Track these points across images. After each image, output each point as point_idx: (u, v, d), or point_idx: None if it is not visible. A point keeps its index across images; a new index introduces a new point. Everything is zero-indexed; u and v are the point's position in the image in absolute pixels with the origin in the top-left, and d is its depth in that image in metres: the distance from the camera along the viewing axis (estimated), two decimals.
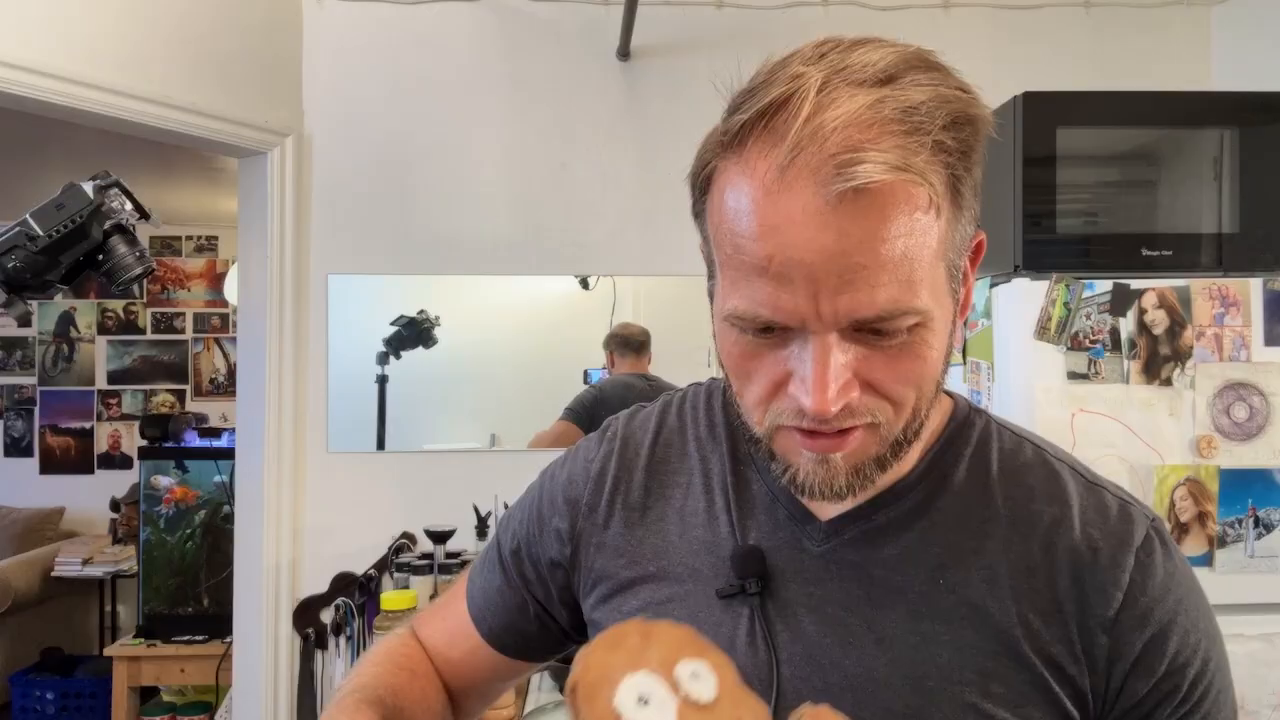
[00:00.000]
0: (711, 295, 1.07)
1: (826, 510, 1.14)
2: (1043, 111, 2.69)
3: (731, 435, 1.25)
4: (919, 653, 1.06)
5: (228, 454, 5.06)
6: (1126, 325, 2.61)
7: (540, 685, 3.19)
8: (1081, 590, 1.05)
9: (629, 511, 1.26)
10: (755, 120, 0.94)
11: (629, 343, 4.07)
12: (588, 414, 4.03)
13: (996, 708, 1.04)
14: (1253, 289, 2.61)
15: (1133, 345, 2.60)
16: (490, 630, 1.40)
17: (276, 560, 3.87)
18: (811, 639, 1.11)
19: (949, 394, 1.20)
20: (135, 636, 5.57)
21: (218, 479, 5.58)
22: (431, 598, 3.45)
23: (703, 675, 0.89)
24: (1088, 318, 2.60)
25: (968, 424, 1.18)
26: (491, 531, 3.80)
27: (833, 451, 1.00)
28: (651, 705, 0.87)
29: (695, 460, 1.26)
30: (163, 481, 5.67)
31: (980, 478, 1.13)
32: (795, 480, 1.04)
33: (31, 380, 8.16)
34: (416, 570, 3.62)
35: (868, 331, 0.95)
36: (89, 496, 7.74)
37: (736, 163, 0.97)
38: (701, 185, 1.03)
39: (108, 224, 2.12)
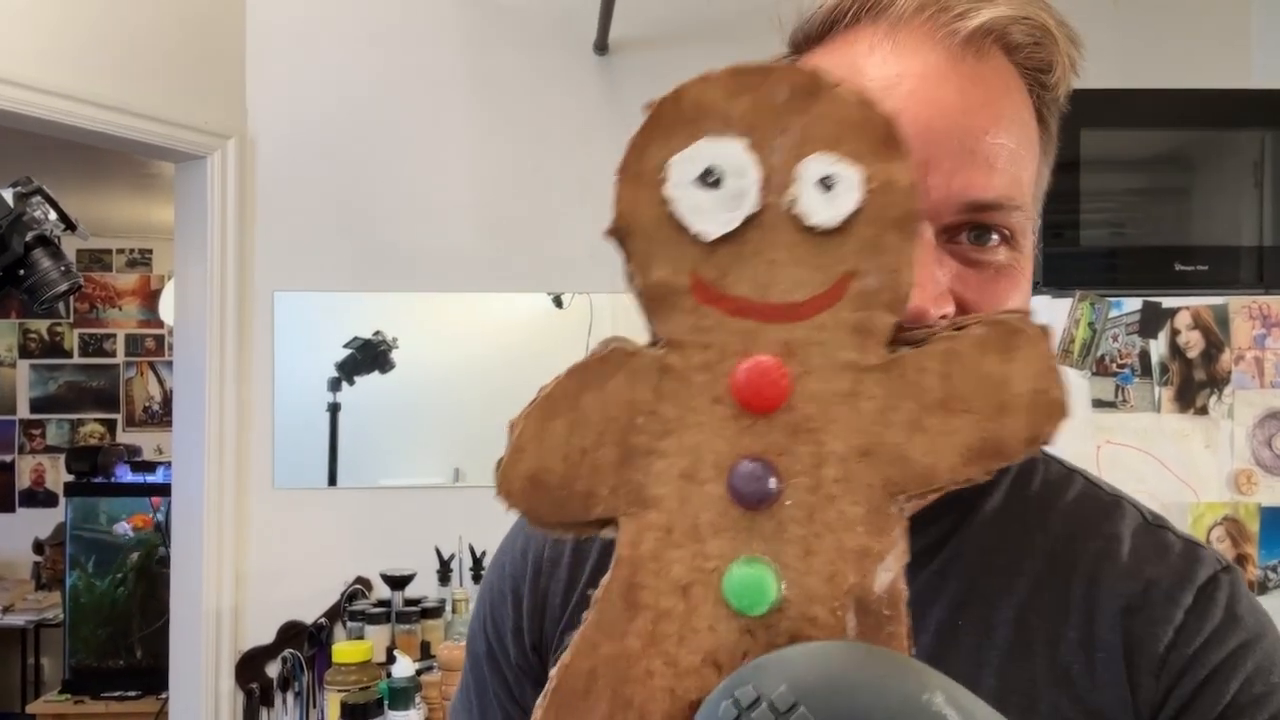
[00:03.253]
0: None
1: None
2: (1065, 112, 2.69)
3: None
4: None
5: (163, 490, 5.03)
6: (1157, 348, 2.61)
7: None
8: (1127, 624, 0.96)
9: (600, 557, 1.12)
10: (851, 2, 0.94)
11: None
12: None
13: None
14: None
15: (1164, 370, 2.60)
16: None
17: (217, 607, 3.84)
18: None
19: None
20: (61, 692, 5.56)
21: (154, 516, 5.56)
22: (389, 649, 3.43)
23: (845, 187, 0.63)
24: (1115, 339, 2.60)
25: None
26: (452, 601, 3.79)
27: None
28: (718, 193, 0.64)
29: None
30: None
31: (1017, 508, 1.05)
32: None
33: None
34: (372, 619, 3.59)
35: (969, 238, 0.91)
36: (10, 537, 7.69)
37: (825, 51, 0.97)
38: None
39: (29, 235, 2.12)
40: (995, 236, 0.91)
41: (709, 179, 0.63)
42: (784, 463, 0.64)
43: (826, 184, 0.63)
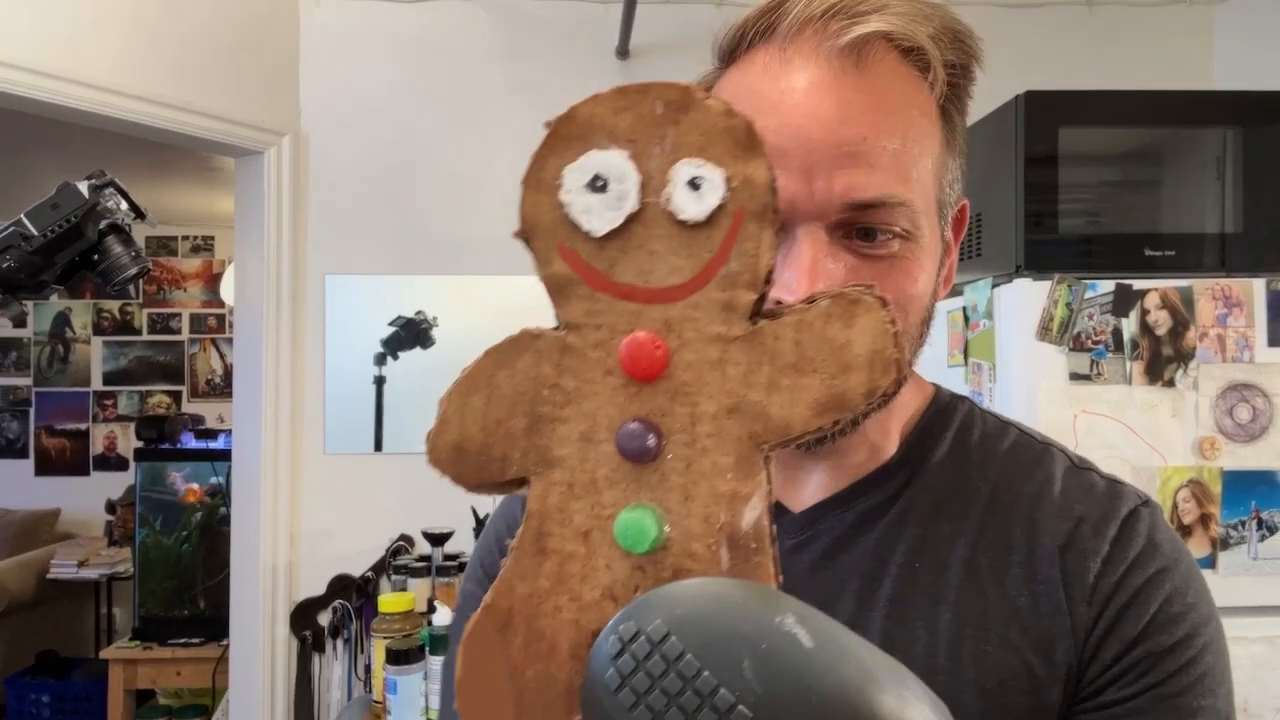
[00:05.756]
0: None
1: (799, 501, 1.07)
2: (1045, 111, 2.69)
3: None
4: (893, 645, 0.97)
5: (224, 456, 5.05)
6: (1129, 326, 2.60)
7: None
8: (1062, 559, 0.99)
9: None
10: (754, 22, 0.95)
11: None
12: None
13: (974, 696, 0.96)
14: (1256, 289, 2.61)
15: (1135, 346, 2.60)
16: None
17: (274, 562, 3.87)
18: None
19: (930, 383, 1.16)
20: (131, 639, 5.57)
21: (214, 480, 5.57)
22: (429, 600, 3.45)
23: (710, 186, 0.68)
24: (1090, 318, 2.60)
25: (949, 409, 1.13)
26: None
27: None
28: (605, 195, 0.69)
29: None
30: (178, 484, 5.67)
31: (960, 460, 1.08)
32: None
33: (27, 381, 8.16)
34: (414, 573, 3.61)
35: (858, 236, 0.91)
36: (85, 498, 7.72)
37: (734, 69, 0.98)
38: None
39: (103, 224, 2.12)
40: (875, 233, 0.91)
41: (596, 184, 0.68)
42: (665, 423, 0.69)
43: (695, 184, 0.67)
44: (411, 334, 4.00)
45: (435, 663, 2.90)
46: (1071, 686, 0.98)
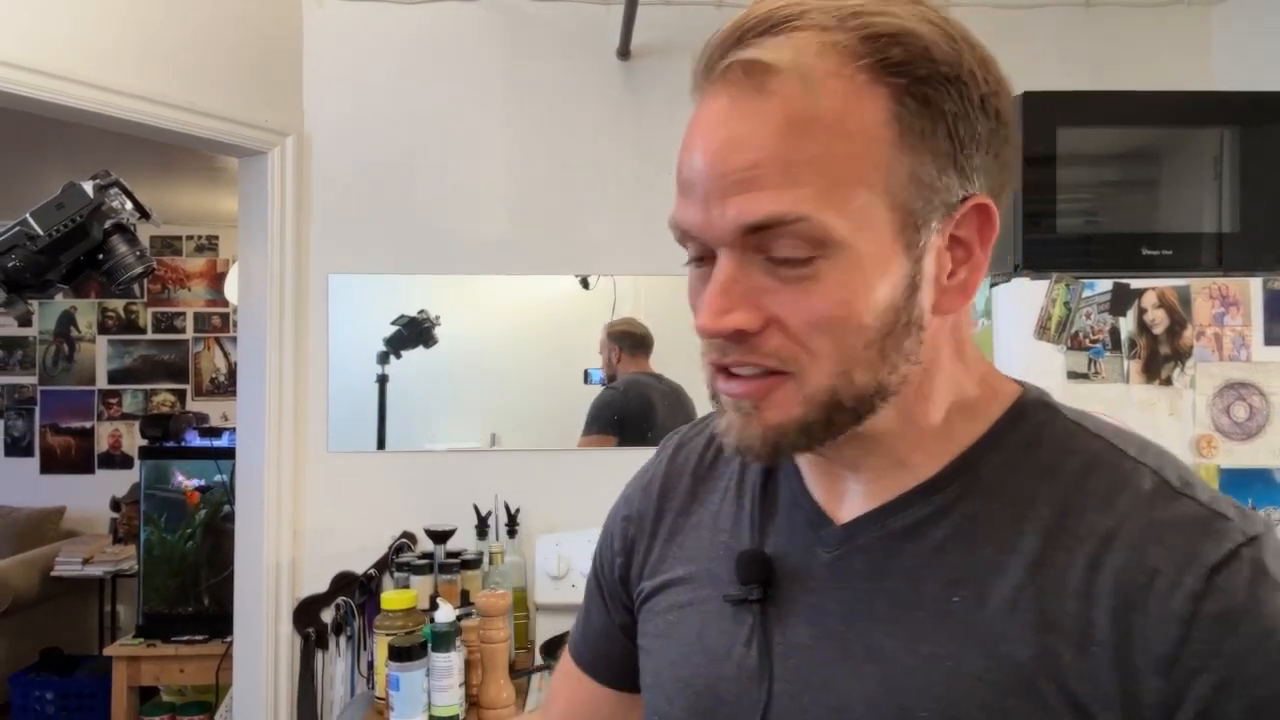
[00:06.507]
0: None
1: (843, 512, 1.04)
2: (1043, 111, 2.69)
3: None
4: (916, 678, 0.92)
5: (228, 454, 5.04)
6: (1126, 325, 2.61)
7: (541, 686, 3.19)
8: (1127, 620, 0.85)
9: (675, 517, 1.23)
10: (703, 54, 0.96)
11: (643, 342, 4.04)
12: (616, 419, 4.02)
13: None
14: (1253, 288, 2.62)
15: (1133, 345, 2.61)
16: (586, 660, 1.38)
17: (277, 560, 3.87)
18: (805, 653, 1.01)
19: (1019, 384, 1.06)
20: (135, 636, 5.56)
21: (218, 478, 5.57)
22: (432, 597, 3.45)
23: None
24: (1088, 317, 2.60)
25: (1024, 417, 1.01)
26: (496, 534, 3.81)
27: (743, 397, 0.95)
28: None
29: (737, 464, 1.20)
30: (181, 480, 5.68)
31: (1025, 479, 0.96)
32: (721, 433, 1.00)
33: (32, 380, 8.17)
34: (417, 570, 3.61)
35: (770, 258, 0.91)
36: (89, 496, 7.73)
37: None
38: None
39: (108, 223, 2.12)
40: (785, 253, 0.90)
41: None
42: None
43: None
44: (414, 333, 4.00)
45: (437, 659, 2.90)
46: None
